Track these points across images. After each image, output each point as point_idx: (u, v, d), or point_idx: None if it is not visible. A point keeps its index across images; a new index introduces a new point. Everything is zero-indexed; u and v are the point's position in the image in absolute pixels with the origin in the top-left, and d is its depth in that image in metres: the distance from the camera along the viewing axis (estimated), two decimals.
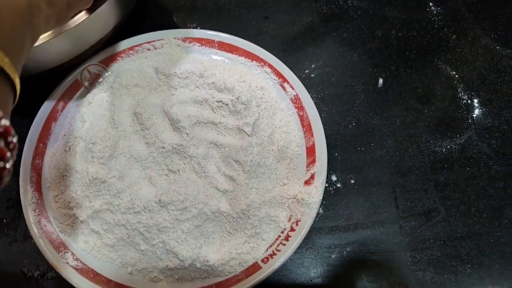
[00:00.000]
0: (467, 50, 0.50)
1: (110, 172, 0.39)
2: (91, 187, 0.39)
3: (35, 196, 0.40)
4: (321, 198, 0.40)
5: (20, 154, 0.41)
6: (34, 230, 0.39)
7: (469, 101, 0.47)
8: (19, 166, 0.41)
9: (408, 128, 0.46)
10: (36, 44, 0.37)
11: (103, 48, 0.45)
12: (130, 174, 0.39)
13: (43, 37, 0.38)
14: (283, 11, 0.52)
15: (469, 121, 0.46)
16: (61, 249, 0.38)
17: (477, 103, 0.47)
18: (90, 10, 0.39)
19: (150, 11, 0.52)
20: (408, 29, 0.51)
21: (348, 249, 0.41)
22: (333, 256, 0.41)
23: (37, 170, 0.41)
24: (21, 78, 0.42)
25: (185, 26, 0.51)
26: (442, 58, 0.50)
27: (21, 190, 0.40)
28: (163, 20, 0.51)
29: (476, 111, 0.47)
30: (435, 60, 0.49)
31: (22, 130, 0.44)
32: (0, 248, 0.41)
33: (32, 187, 0.40)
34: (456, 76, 0.49)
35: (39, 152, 0.42)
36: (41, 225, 0.39)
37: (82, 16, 0.39)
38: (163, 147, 0.40)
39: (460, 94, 0.48)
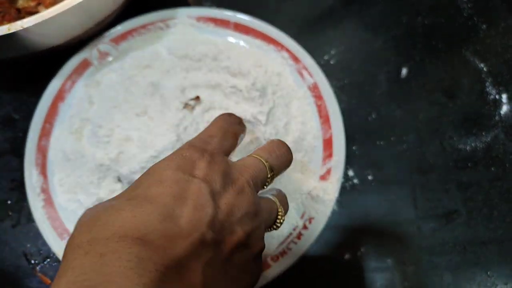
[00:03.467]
0: (497, 41, 0.44)
1: None
2: (96, 173, 0.34)
3: (40, 180, 0.36)
4: (337, 195, 0.35)
5: (25, 135, 0.37)
6: (37, 215, 0.35)
7: (497, 96, 0.41)
8: (23, 148, 0.37)
9: (432, 123, 0.40)
10: (47, 17, 0.33)
11: (113, 24, 0.40)
12: None
13: (52, 10, 0.33)
14: None
15: (496, 118, 0.41)
16: (64, 236, 0.34)
17: (506, 99, 0.41)
18: None
19: None
20: (436, 16, 0.45)
21: (362, 250, 0.36)
22: (346, 256, 0.36)
23: (43, 152, 0.37)
24: (30, 55, 0.37)
25: (199, 4, 0.45)
26: (471, 49, 0.43)
27: (26, 173, 0.36)
28: None
29: (504, 108, 0.41)
30: (462, 51, 0.43)
31: (29, 108, 0.40)
32: (4, 230, 0.37)
33: (37, 170, 0.36)
34: (485, 69, 0.42)
35: (45, 133, 0.37)
36: (45, 210, 0.35)
37: None
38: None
39: (487, 89, 0.42)
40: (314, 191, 0.35)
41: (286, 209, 0.29)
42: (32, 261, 0.36)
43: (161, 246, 0.19)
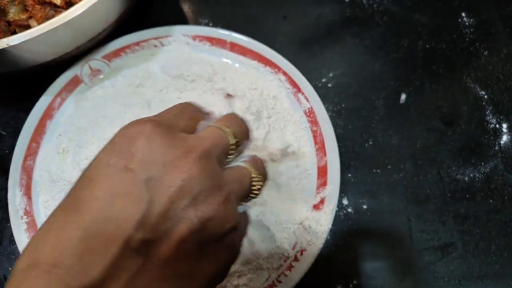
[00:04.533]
0: (499, 68, 0.43)
1: None
2: None
3: (24, 201, 0.35)
4: (330, 226, 0.34)
5: (12, 152, 0.36)
6: (19, 238, 0.34)
7: (497, 125, 0.40)
8: (9, 166, 0.35)
9: (429, 151, 0.39)
10: (34, 35, 0.32)
11: (106, 41, 0.39)
12: None
13: (40, 27, 0.32)
14: (303, 11, 0.45)
15: (496, 148, 0.40)
16: None
17: (506, 128, 0.40)
18: None
19: (158, 2, 0.45)
20: (437, 40, 0.44)
21: (354, 282, 0.35)
22: None
23: (27, 172, 0.36)
24: (18, 71, 0.36)
25: (196, 22, 0.44)
26: (472, 75, 0.42)
27: (9, 194, 0.35)
28: (172, 14, 0.44)
29: (504, 138, 0.40)
30: (463, 77, 0.42)
31: (17, 124, 0.39)
32: None
33: (21, 190, 0.35)
34: (485, 96, 0.42)
35: (31, 152, 0.36)
36: (28, 234, 0.34)
37: (82, 5, 0.33)
38: None
39: (488, 117, 0.41)
40: (306, 222, 0.34)
41: (264, 174, 0.26)
42: None
43: (76, 270, 0.17)
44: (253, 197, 0.25)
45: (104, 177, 0.19)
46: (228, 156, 0.24)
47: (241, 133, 0.26)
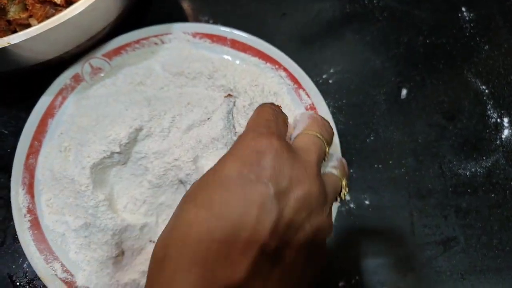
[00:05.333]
0: (500, 62, 0.43)
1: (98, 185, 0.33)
2: (81, 197, 0.33)
3: (27, 200, 0.35)
4: (333, 221, 0.34)
5: (14, 151, 0.36)
6: (22, 236, 0.34)
7: (498, 120, 0.41)
8: (12, 165, 0.36)
9: (431, 146, 0.39)
10: (34, 33, 0.32)
11: (106, 39, 0.39)
12: (119, 191, 0.34)
13: (40, 26, 0.32)
14: (302, 8, 0.45)
15: (497, 142, 0.40)
16: (50, 259, 0.33)
17: (507, 123, 0.41)
18: None
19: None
20: (437, 36, 0.44)
21: (357, 277, 0.35)
22: (340, 284, 0.35)
23: (30, 171, 0.36)
24: (19, 69, 0.36)
25: (196, 19, 0.44)
26: (472, 70, 0.43)
27: (12, 192, 0.35)
28: (172, 11, 0.45)
29: (506, 132, 0.40)
30: (464, 72, 0.43)
31: (18, 123, 0.39)
32: None
33: (24, 189, 0.35)
34: (486, 91, 0.42)
35: (33, 151, 0.36)
36: (31, 232, 0.34)
37: (82, 4, 0.33)
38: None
39: (489, 112, 0.41)
40: None
41: (347, 176, 0.28)
42: (17, 283, 0.35)
43: (218, 270, 0.19)
44: (339, 201, 0.27)
45: (238, 186, 0.21)
46: (323, 162, 0.26)
47: (330, 137, 0.28)
